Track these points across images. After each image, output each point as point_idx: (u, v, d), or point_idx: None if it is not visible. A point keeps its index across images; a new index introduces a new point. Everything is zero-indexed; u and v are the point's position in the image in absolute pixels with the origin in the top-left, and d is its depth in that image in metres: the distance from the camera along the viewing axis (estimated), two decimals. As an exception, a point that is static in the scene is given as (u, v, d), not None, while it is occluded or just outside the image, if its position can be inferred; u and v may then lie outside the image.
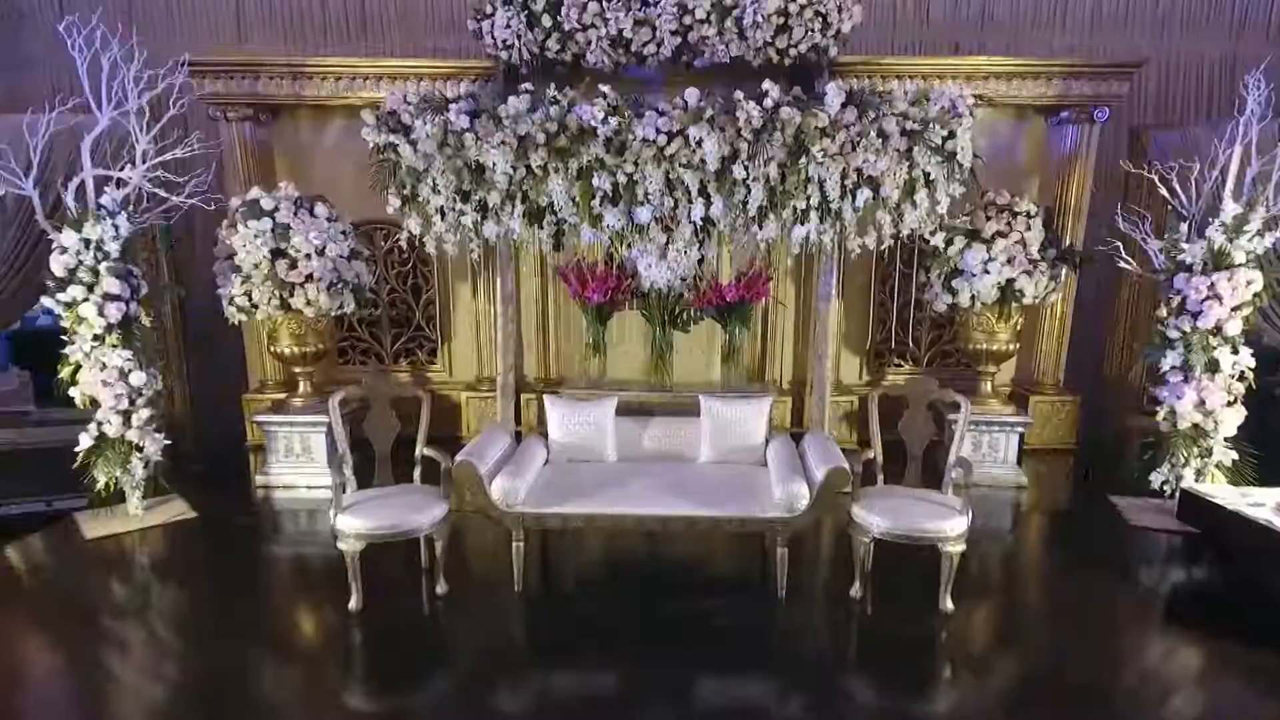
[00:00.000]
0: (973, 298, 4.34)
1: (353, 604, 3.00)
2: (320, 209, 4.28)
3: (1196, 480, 3.81)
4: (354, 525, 2.95)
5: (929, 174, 3.79)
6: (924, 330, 5.50)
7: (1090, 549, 3.76)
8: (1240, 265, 3.60)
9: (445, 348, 5.58)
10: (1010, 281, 4.27)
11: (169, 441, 3.99)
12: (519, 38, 4.45)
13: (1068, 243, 4.89)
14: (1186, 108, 6.17)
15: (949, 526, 2.92)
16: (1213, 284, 3.63)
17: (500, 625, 3.04)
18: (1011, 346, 4.63)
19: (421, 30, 6.13)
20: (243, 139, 5.02)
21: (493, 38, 4.49)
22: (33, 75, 6.18)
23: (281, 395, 4.90)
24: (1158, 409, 3.91)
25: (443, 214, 3.89)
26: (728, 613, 3.08)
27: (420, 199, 3.90)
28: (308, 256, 4.13)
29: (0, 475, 5.00)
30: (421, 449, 3.38)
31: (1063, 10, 6.13)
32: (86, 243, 3.59)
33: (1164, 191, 3.89)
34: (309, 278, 4.13)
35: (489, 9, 4.46)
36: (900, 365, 5.59)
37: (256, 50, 5.62)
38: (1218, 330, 3.67)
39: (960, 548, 2.95)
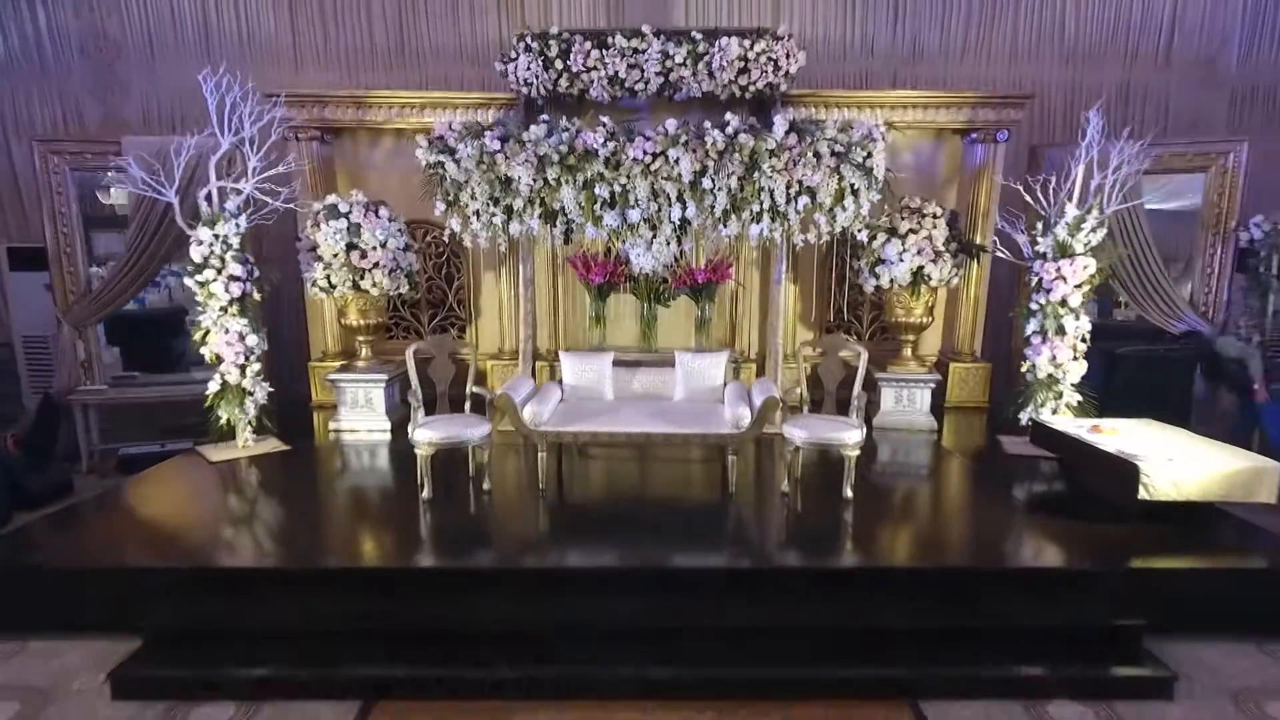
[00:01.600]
0: (891, 281, 5.54)
1: (425, 494, 4.21)
2: (383, 211, 5.48)
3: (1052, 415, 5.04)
4: (426, 436, 4.16)
5: (853, 185, 5.00)
6: (865, 309, 6.71)
7: (969, 467, 4.99)
8: (1079, 254, 4.82)
9: (473, 325, 6.78)
10: (920, 268, 5.47)
11: (271, 390, 5.21)
12: (536, 77, 5.65)
13: (978, 239, 6.12)
14: (1082, 126, 7.39)
15: (848, 436, 4.14)
16: (1059, 268, 4.85)
17: (529, 514, 4.23)
18: (925, 320, 5.83)
19: (451, 61, 7.35)
20: (310, 155, 6.21)
21: (515, 77, 5.70)
22: (128, 100, 7.39)
23: (342, 361, 6.12)
24: (1021, 362, 5.14)
25: (478, 216, 5.12)
26: (693, 504, 4.30)
27: (461, 204, 5.13)
28: (374, 248, 5.34)
29: (120, 424, 6.24)
30: (470, 387, 4.60)
31: (986, 44, 7.36)
32: (216, 237, 4.79)
33: (1027, 198, 5.11)
34: (375, 265, 5.33)
35: (513, 55, 5.67)
36: (847, 338, 6.79)
37: (324, 86, 6.82)
38: (1064, 302, 4.89)
39: (856, 452, 4.16)
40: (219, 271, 4.81)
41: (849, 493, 4.19)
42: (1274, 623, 3.47)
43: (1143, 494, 3.69)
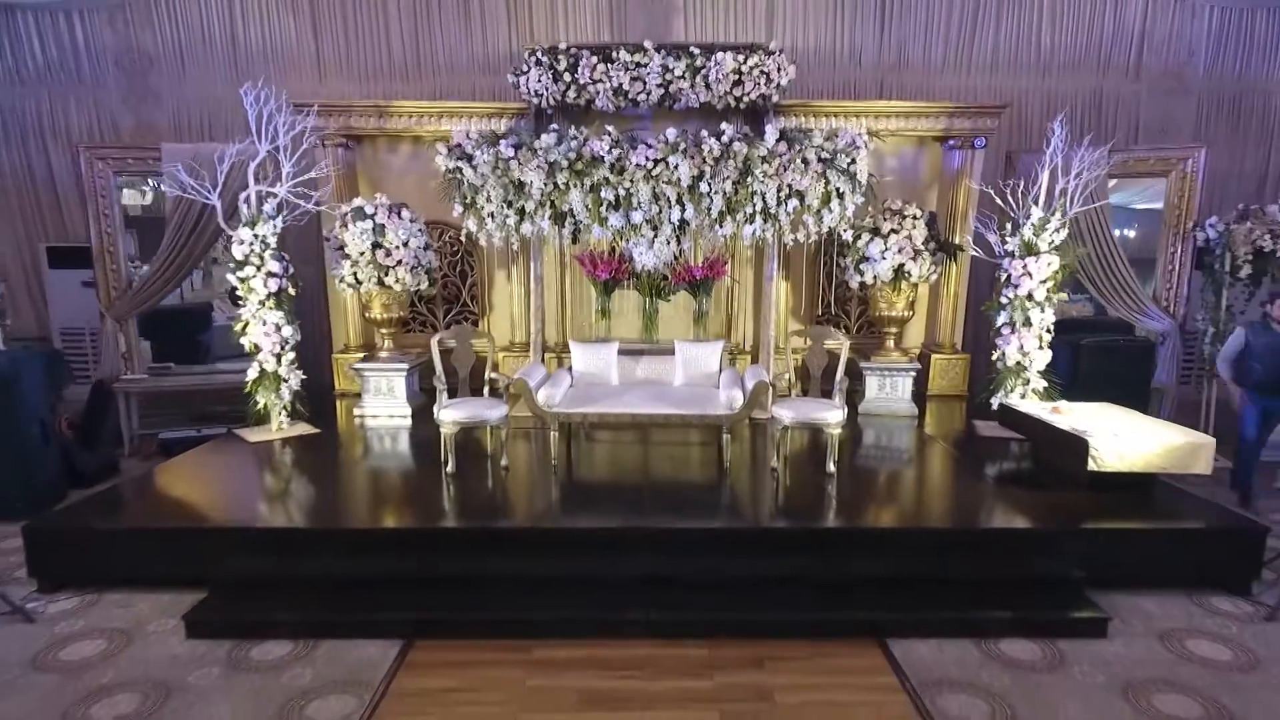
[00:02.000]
0: (874, 277, 6.00)
1: (449, 469, 4.66)
2: (405, 212, 5.93)
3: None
4: (451, 415, 4.62)
5: (839, 189, 5.45)
6: (852, 304, 7.17)
7: (943, 446, 5.44)
8: (1044, 253, 5.27)
9: (486, 319, 7.23)
10: (901, 265, 5.93)
11: (304, 377, 5.66)
12: (546, 89, 6.11)
13: (956, 238, 6.58)
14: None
15: (830, 416, 4.59)
16: (1025, 265, 5.31)
17: (543, 485, 4.67)
18: (907, 314, 6.29)
19: (464, 72, 7.79)
20: (336, 160, 6.66)
21: (527, 88, 6.16)
22: (159, 109, 7.83)
23: (363, 352, 6.58)
24: (994, 352, 5.60)
25: (493, 217, 5.56)
26: (692, 477, 4.75)
27: (477, 206, 5.58)
28: (397, 247, 5.79)
29: (156, 411, 6.69)
30: (489, 373, 5.06)
31: (967, 54, 7.81)
32: (256, 236, 5.25)
33: (998, 201, 5.57)
34: (399, 263, 5.79)
35: (525, 68, 6.13)
36: (833, 330, 7.24)
37: (346, 96, 7.28)
38: (1030, 296, 5.34)
39: (838, 431, 4.62)
40: (258, 268, 5.26)
41: (832, 468, 4.64)
42: (1203, 577, 3.93)
43: (1091, 465, 4.16)
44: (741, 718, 2.96)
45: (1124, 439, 4.23)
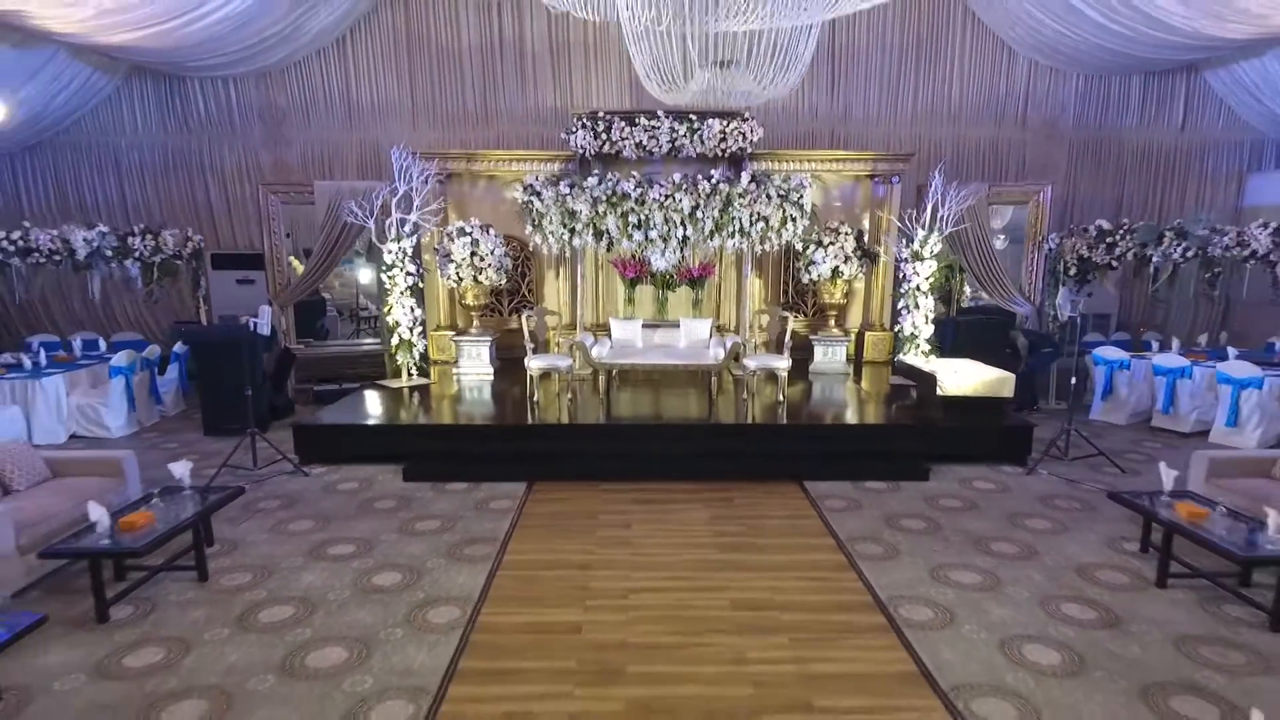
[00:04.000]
0: (819, 275, 8.59)
1: (536, 399, 7.25)
2: (491, 231, 8.51)
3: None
4: (537, 364, 7.21)
5: (792, 215, 8.08)
6: (807, 295, 9.77)
7: (858, 388, 8.05)
8: (926, 259, 7.89)
9: (540, 306, 9.80)
10: (836, 268, 8.52)
11: (425, 345, 8.26)
12: (588, 143, 8.71)
13: (881, 249, 9.17)
14: (967, 170, 10.46)
15: (780, 363, 7.17)
16: (915, 268, 7.92)
17: (595, 405, 7.26)
18: (843, 301, 8.89)
19: (520, 121, 10.42)
20: (438, 193, 9.23)
21: (575, 143, 8.76)
22: (290, 150, 10.43)
23: (449, 330, 9.15)
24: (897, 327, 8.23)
25: (553, 234, 8.16)
26: (692, 403, 7.36)
27: (542, 226, 8.18)
28: (486, 255, 8.37)
29: (305, 370, 9.27)
30: (558, 338, 7.66)
31: (894, 109, 10.45)
32: (400, 248, 7.82)
33: (898, 225, 8.18)
34: (488, 265, 8.36)
35: (574, 129, 8.73)
36: (798, 315, 9.86)
37: (434, 139, 9.88)
38: (918, 288, 7.96)
39: (784, 373, 7.20)
40: (401, 269, 7.85)
41: (780, 397, 7.24)
42: (999, 456, 6.54)
43: (940, 391, 6.75)
44: (717, 513, 5.55)
45: (959, 375, 6.83)
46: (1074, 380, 6.55)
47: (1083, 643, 3.72)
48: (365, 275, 11.45)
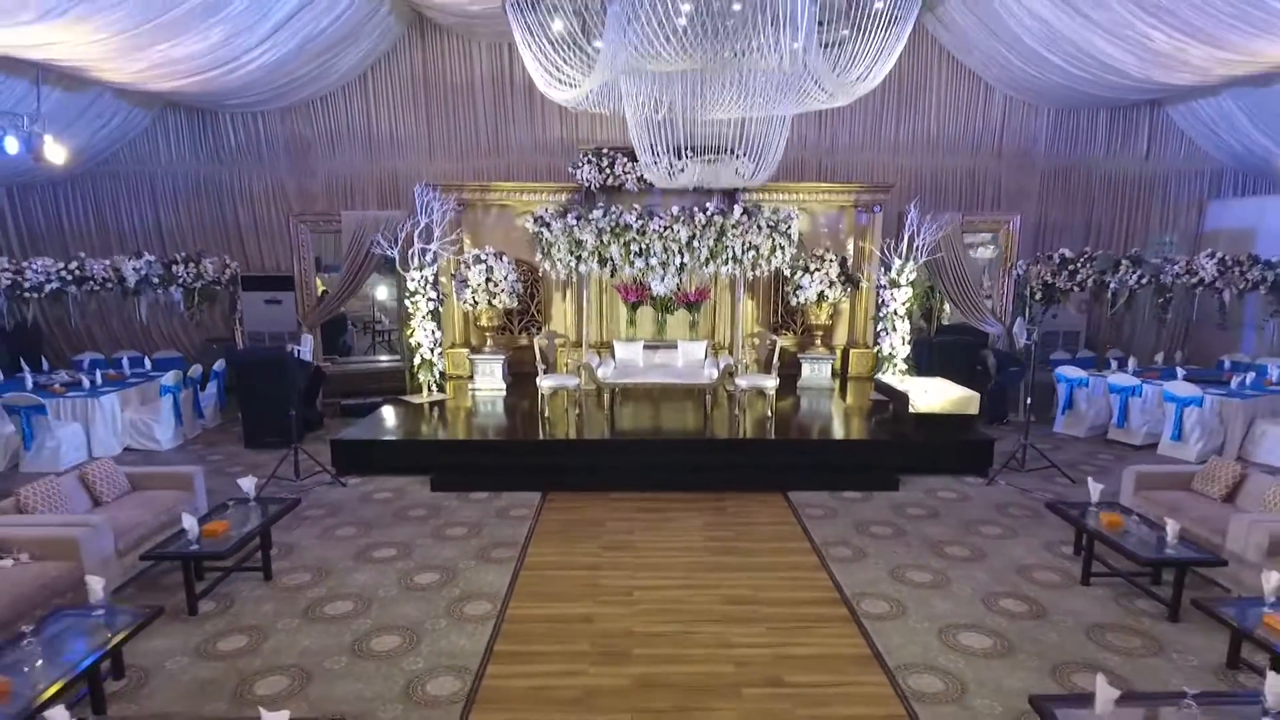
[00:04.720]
0: (805, 299, 9.34)
1: (546, 414, 8.00)
2: (504, 258, 9.26)
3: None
4: (548, 383, 7.96)
5: (780, 244, 8.84)
6: (796, 316, 10.52)
7: (842, 404, 8.80)
8: (902, 285, 8.64)
9: (547, 327, 10.55)
10: (821, 291, 9.27)
11: (443, 362, 9.01)
12: (593, 177, 9.45)
13: (862, 274, 9.92)
14: (945, 198, 11.21)
15: (768, 383, 7.92)
16: (893, 294, 8.68)
17: (600, 421, 8.01)
18: (828, 323, 9.64)
19: (529, 153, 11.17)
20: (456, 222, 9.98)
21: (581, 177, 9.50)
22: (314, 179, 11.18)
23: (462, 348, 9.90)
24: (877, 346, 8.98)
25: (561, 261, 8.92)
26: (688, 422, 8.11)
27: (551, 254, 8.93)
28: (500, 280, 9.11)
29: (337, 386, 10.03)
30: (567, 359, 8.42)
31: (877, 140, 11.21)
32: (421, 275, 8.57)
33: (877, 253, 8.93)
34: (502, 290, 9.11)
35: (580, 164, 9.47)
36: (787, 333, 10.61)
37: (449, 170, 10.64)
38: (895, 312, 8.71)
39: (773, 391, 7.95)
40: (423, 295, 8.60)
41: (769, 413, 8.00)
42: (963, 468, 7.29)
43: (912, 409, 7.50)
44: (710, 519, 6.30)
45: (930, 394, 7.58)
46: (1029, 400, 7.32)
47: (1013, 631, 4.47)
48: (381, 291, 12.20)
